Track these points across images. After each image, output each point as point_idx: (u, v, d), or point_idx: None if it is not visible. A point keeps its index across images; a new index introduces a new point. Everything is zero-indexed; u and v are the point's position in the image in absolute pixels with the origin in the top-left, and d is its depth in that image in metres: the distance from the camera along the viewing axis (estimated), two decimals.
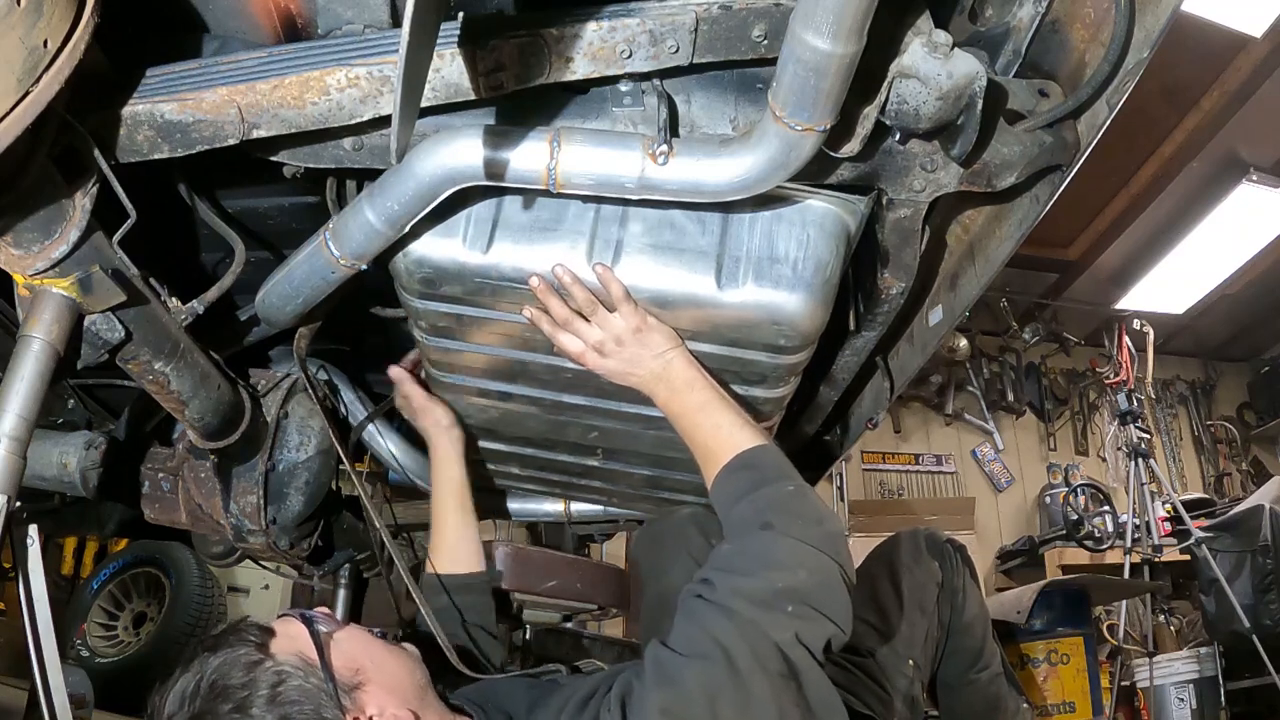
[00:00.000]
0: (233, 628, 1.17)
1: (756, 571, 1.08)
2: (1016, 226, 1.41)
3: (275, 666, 1.10)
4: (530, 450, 1.87)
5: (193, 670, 1.10)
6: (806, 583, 1.07)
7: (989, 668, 1.96)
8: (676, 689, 1.01)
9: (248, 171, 1.28)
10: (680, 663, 1.03)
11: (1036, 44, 1.24)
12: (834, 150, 1.12)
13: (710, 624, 1.05)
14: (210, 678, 1.08)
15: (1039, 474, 7.19)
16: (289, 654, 1.12)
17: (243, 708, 1.06)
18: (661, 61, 1.08)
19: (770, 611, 1.04)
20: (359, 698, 1.12)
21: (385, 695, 1.14)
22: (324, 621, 1.19)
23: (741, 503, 1.19)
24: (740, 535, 1.15)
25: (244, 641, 1.13)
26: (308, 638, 1.15)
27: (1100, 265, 6.25)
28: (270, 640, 1.14)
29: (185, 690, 1.09)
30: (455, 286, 1.35)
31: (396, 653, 1.23)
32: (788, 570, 1.08)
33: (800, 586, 1.06)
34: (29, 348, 1.05)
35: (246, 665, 1.09)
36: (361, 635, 1.22)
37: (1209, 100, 4.80)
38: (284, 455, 1.72)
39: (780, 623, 1.04)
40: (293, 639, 1.15)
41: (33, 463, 1.34)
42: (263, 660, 1.10)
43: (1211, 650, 4.47)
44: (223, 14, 1.13)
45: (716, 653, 1.01)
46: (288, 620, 1.19)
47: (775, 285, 1.28)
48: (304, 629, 1.16)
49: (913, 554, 1.94)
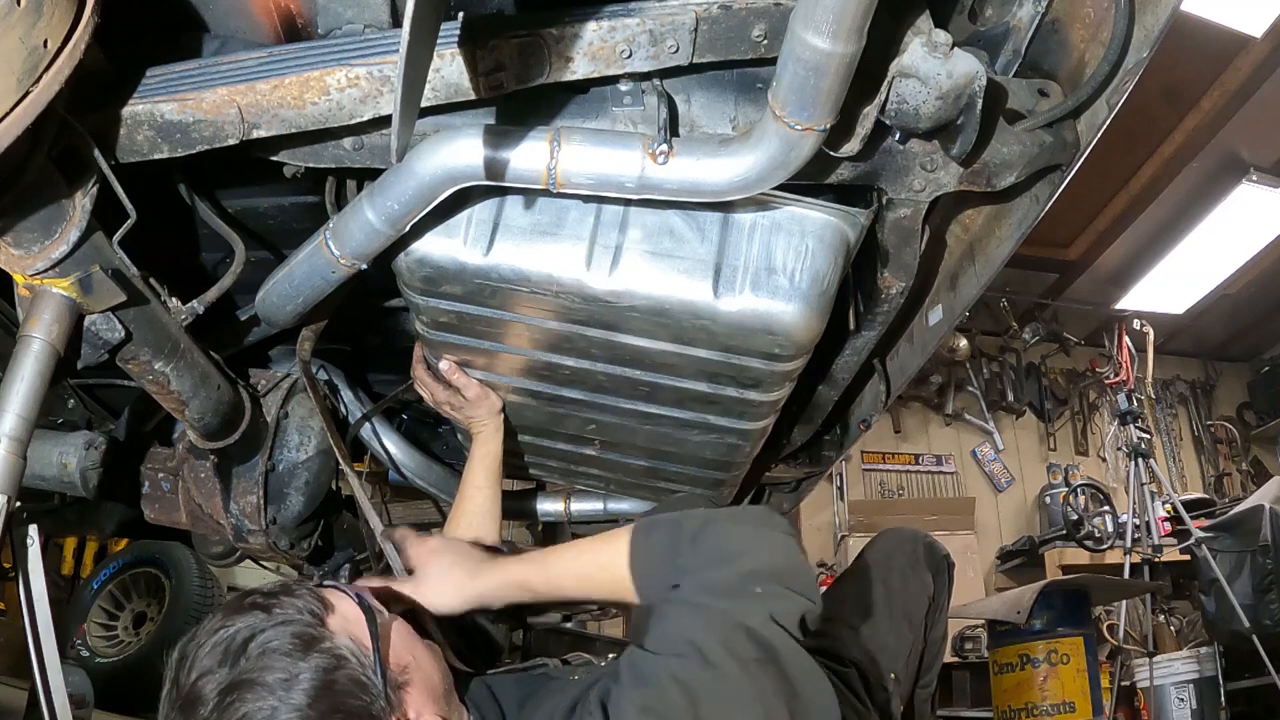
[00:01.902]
0: (287, 588, 1.06)
1: (718, 563, 1.08)
2: (1016, 226, 1.41)
3: (333, 648, 1.01)
4: (529, 438, 1.88)
5: (239, 624, 0.99)
6: (769, 562, 1.07)
7: (930, 686, 1.95)
8: (653, 688, 1.00)
9: (248, 171, 1.28)
10: (654, 661, 1.02)
11: (1036, 44, 1.24)
12: (834, 150, 1.12)
13: (680, 623, 1.04)
14: (262, 639, 0.98)
15: (1039, 474, 7.20)
16: (345, 636, 1.03)
17: (291, 683, 0.96)
18: (661, 61, 1.08)
19: (738, 598, 1.04)
20: (402, 697, 1.06)
21: (424, 697, 1.09)
22: (379, 609, 1.11)
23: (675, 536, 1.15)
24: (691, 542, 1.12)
25: (302, 609, 1.03)
26: (364, 623, 1.06)
27: (1100, 265, 6.25)
28: (328, 616, 1.04)
29: (229, 645, 0.98)
30: (455, 286, 1.35)
31: (434, 652, 1.18)
32: (748, 555, 1.08)
33: (764, 567, 1.06)
34: (29, 348, 1.05)
35: (304, 639, 1.00)
36: (406, 629, 1.15)
37: (1209, 100, 4.81)
38: (284, 455, 1.72)
39: (750, 607, 1.03)
40: (349, 621, 1.06)
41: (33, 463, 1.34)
42: (321, 638, 1.01)
43: (1211, 650, 4.47)
44: (223, 14, 1.13)
45: (689, 649, 1.00)
46: (341, 596, 1.10)
47: (772, 295, 1.28)
48: (360, 612, 1.08)
49: (910, 562, 1.89)
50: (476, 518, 1.70)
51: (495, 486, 1.74)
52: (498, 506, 1.73)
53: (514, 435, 1.84)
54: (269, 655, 0.97)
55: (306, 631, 1.01)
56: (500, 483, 1.76)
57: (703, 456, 1.80)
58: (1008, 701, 3.99)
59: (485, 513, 1.71)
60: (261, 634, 0.98)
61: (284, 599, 1.03)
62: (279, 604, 1.02)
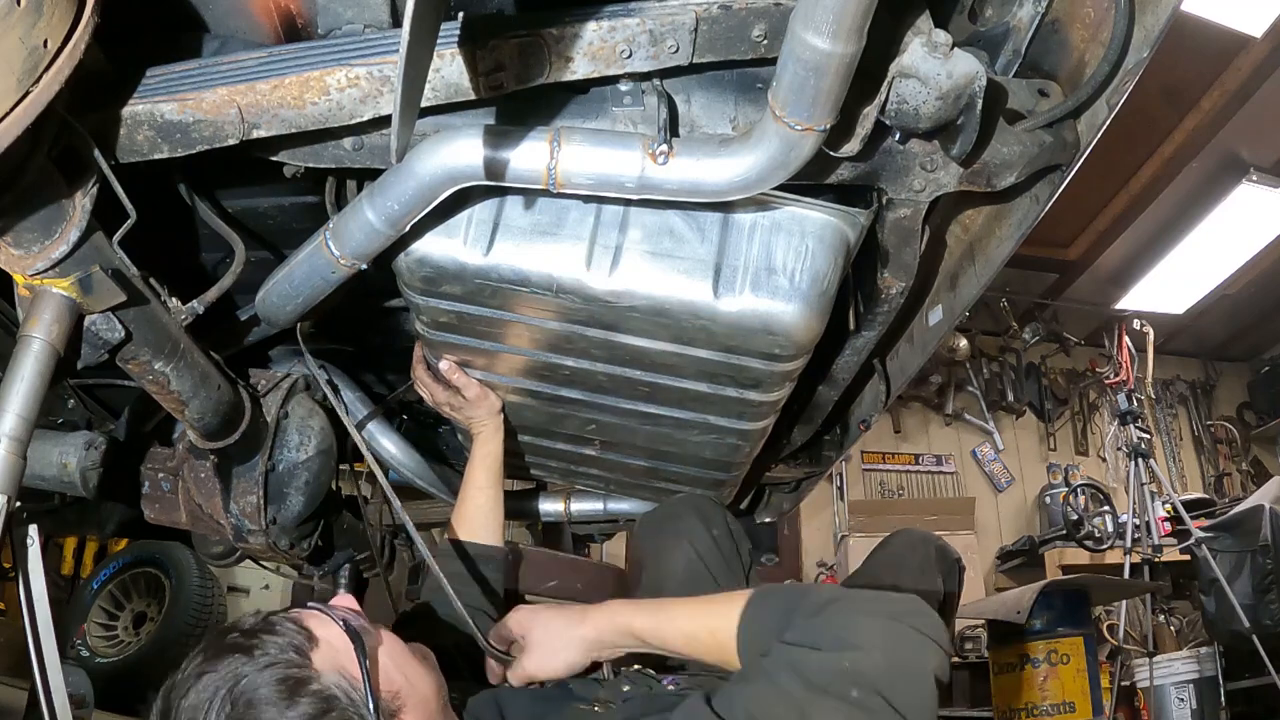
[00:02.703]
0: (268, 624, 1.01)
1: (823, 646, 0.92)
2: (1016, 226, 1.41)
3: (320, 688, 0.97)
4: (529, 438, 1.88)
5: (220, 673, 0.95)
6: (886, 668, 0.89)
7: None
8: None
9: (248, 171, 1.28)
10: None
11: (1036, 44, 1.24)
12: (834, 150, 1.12)
13: (749, 693, 0.94)
14: (246, 686, 0.94)
15: (1039, 474, 7.20)
16: (333, 671, 0.99)
17: None
18: (661, 61, 1.08)
19: (825, 695, 0.88)
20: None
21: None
22: (365, 629, 1.06)
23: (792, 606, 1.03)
24: (809, 616, 0.98)
25: (285, 648, 0.98)
26: (351, 651, 1.02)
27: (1100, 265, 6.26)
28: (313, 650, 1.00)
29: (211, 699, 0.94)
30: (455, 286, 1.35)
31: (425, 667, 1.14)
32: (864, 651, 0.89)
33: (875, 672, 0.88)
34: (29, 348, 1.04)
35: (289, 683, 0.95)
36: (397, 647, 1.11)
37: (1209, 100, 4.81)
38: (284, 455, 1.72)
39: (836, 710, 0.88)
40: (336, 651, 1.02)
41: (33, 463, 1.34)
42: (307, 680, 0.97)
43: (1211, 650, 4.47)
44: (223, 14, 1.13)
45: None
46: (325, 623, 1.04)
47: (772, 296, 1.28)
48: (347, 640, 1.03)
49: (921, 564, 1.86)
50: (479, 518, 1.70)
51: (497, 487, 1.74)
52: (500, 507, 1.73)
53: (514, 435, 1.84)
54: (256, 707, 0.93)
55: (290, 675, 0.96)
56: (501, 483, 1.76)
57: (703, 456, 1.81)
58: (1008, 701, 3.98)
59: (487, 513, 1.71)
60: (244, 680, 0.94)
61: (264, 637, 0.99)
62: (260, 644, 0.98)
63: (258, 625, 1.01)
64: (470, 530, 1.68)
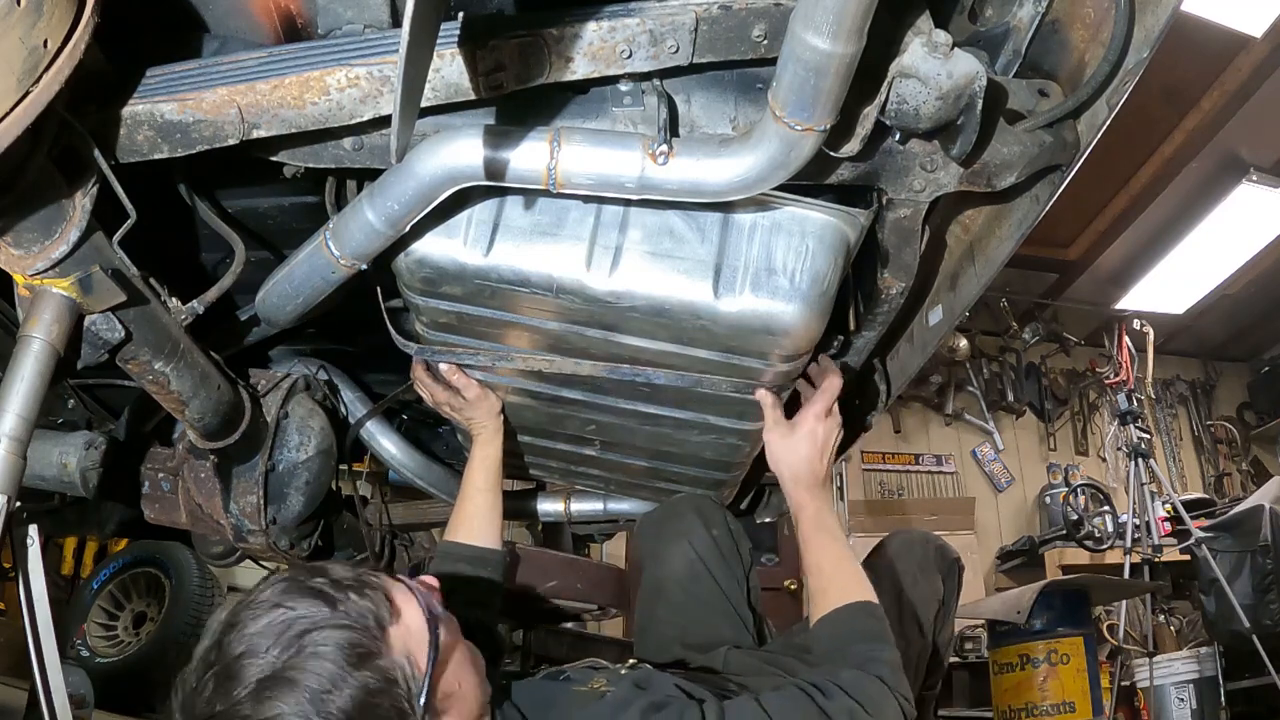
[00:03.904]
0: (360, 582, 1.00)
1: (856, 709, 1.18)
2: (1016, 226, 1.41)
3: (386, 667, 0.96)
4: (529, 438, 1.88)
5: (299, 610, 0.95)
6: None
7: (935, 688, 1.95)
8: None
9: (248, 171, 1.28)
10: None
11: (1036, 44, 1.24)
12: (834, 150, 1.12)
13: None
14: (316, 637, 0.93)
15: (1039, 474, 7.20)
16: (402, 653, 0.99)
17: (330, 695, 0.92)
18: (661, 61, 1.08)
19: None
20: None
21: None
22: (445, 618, 1.06)
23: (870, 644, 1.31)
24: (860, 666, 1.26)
25: (366, 614, 0.97)
26: (425, 640, 1.01)
27: (1100, 265, 6.25)
28: (391, 625, 0.99)
29: (283, 632, 0.93)
30: (455, 287, 1.35)
31: (478, 676, 1.14)
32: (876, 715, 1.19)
33: None
34: (29, 348, 1.05)
35: (359, 650, 0.95)
36: (462, 648, 1.10)
37: (1209, 100, 4.80)
38: (284, 455, 1.72)
39: None
40: (410, 634, 1.01)
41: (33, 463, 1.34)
42: (376, 654, 0.96)
43: (1211, 650, 4.47)
44: (223, 14, 1.13)
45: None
46: (411, 602, 1.04)
47: (772, 296, 1.28)
48: (425, 628, 1.02)
49: (920, 564, 1.86)
50: (478, 520, 1.70)
51: (496, 489, 1.74)
52: (499, 508, 1.73)
53: (514, 435, 1.84)
54: (318, 658, 0.93)
55: (363, 642, 0.96)
56: (500, 484, 1.76)
57: (703, 457, 1.81)
58: (1008, 701, 3.98)
59: (486, 514, 1.71)
60: (318, 631, 0.94)
61: (352, 596, 0.98)
62: (344, 601, 0.97)
63: (349, 581, 1.00)
64: (469, 532, 1.68)
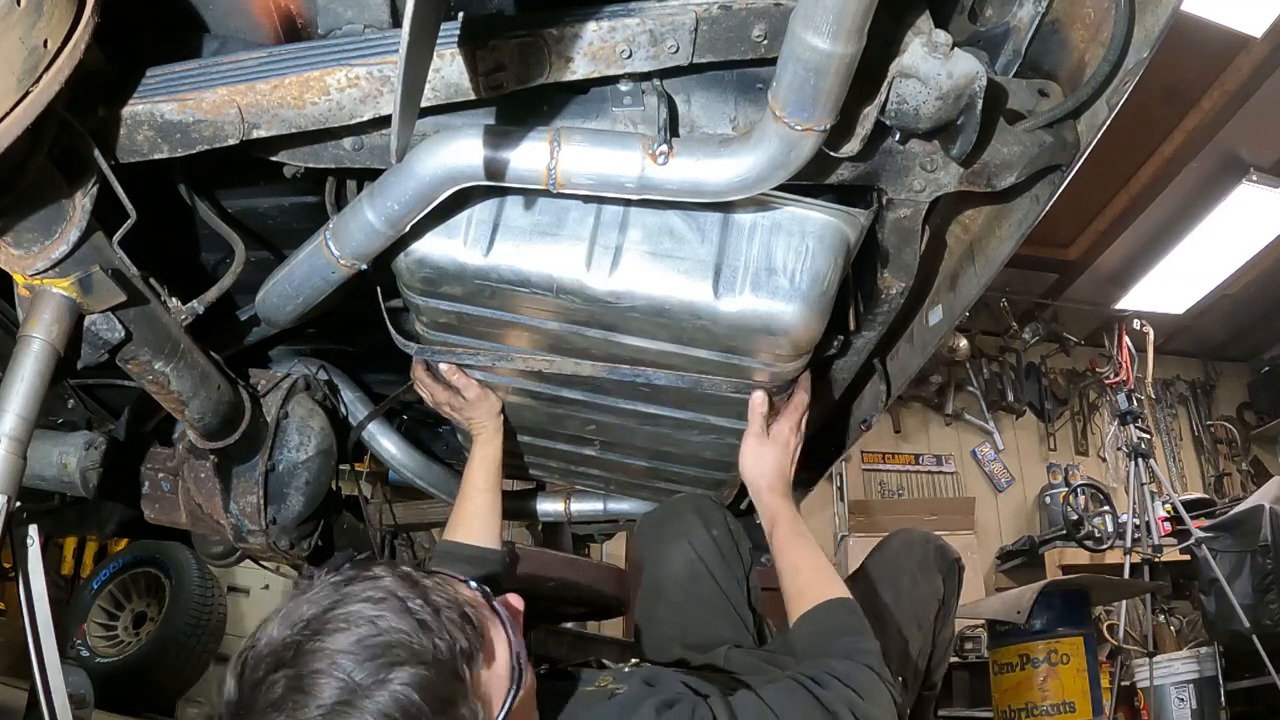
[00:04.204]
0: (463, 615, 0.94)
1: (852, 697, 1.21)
2: (1016, 226, 1.41)
3: (464, 715, 0.91)
4: (529, 438, 1.88)
5: (389, 625, 0.89)
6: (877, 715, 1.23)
7: (935, 688, 1.95)
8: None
9: (248, 171, 1.28)
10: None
11: (1036, 44, 1.24)
12: (834, 150, 1.12)
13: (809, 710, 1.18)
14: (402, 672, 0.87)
15: (1039, 474, 7.20)
16: (481, 698, 0.93)
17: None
18: (661, 61, 1.08)
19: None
20: None
21: None
22: (524, 667, 1.00)
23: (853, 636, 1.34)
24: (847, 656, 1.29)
25: (455, 646, 0.91)
26: (504, 692, 0.97)
27: (1100, 265, 6.25)
28: (480, 669, 0.94)
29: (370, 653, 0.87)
30: (455, 287, 1.35)
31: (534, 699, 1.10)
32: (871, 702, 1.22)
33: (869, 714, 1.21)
34: (29, 348, 1.05)
35: (440, 698, 0.89)
36: (531, 688, 1.05)
37: (1209, 100, 4.80)
38: (284, 455, 1.72)
39: None
40: (495, 679, 0.96)
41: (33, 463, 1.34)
42: (454, 700, 0.90)
43: (1211, 650, 4.47)
44: (223, 14, 1.13)
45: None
46: (503, 642, 0.99)
47: (772, 296, 1.28)
48: (509, 678, 0.98)
49: (920, 564, 1.87)
50: (477, 520, 1.69)
51: (495, 489, 1.74)
52: (498, 509, 1.73)
53: (514, 435, 1.84)
54: (397, 698, 0.87)
55: (447, 688, 0.90)
56: (500, 485, 1.76)
57: (703, 457, 1.80)
58: (1008, 701, 3.98)
59: (486, 515, 1.71)
60: (404, 668, 0.88)
61: (449, 632, 0.92)
62: (441, 635, 0.91)
63: (449, 611, 0.94)
64: (468, 533, 1.68)
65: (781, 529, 1.53)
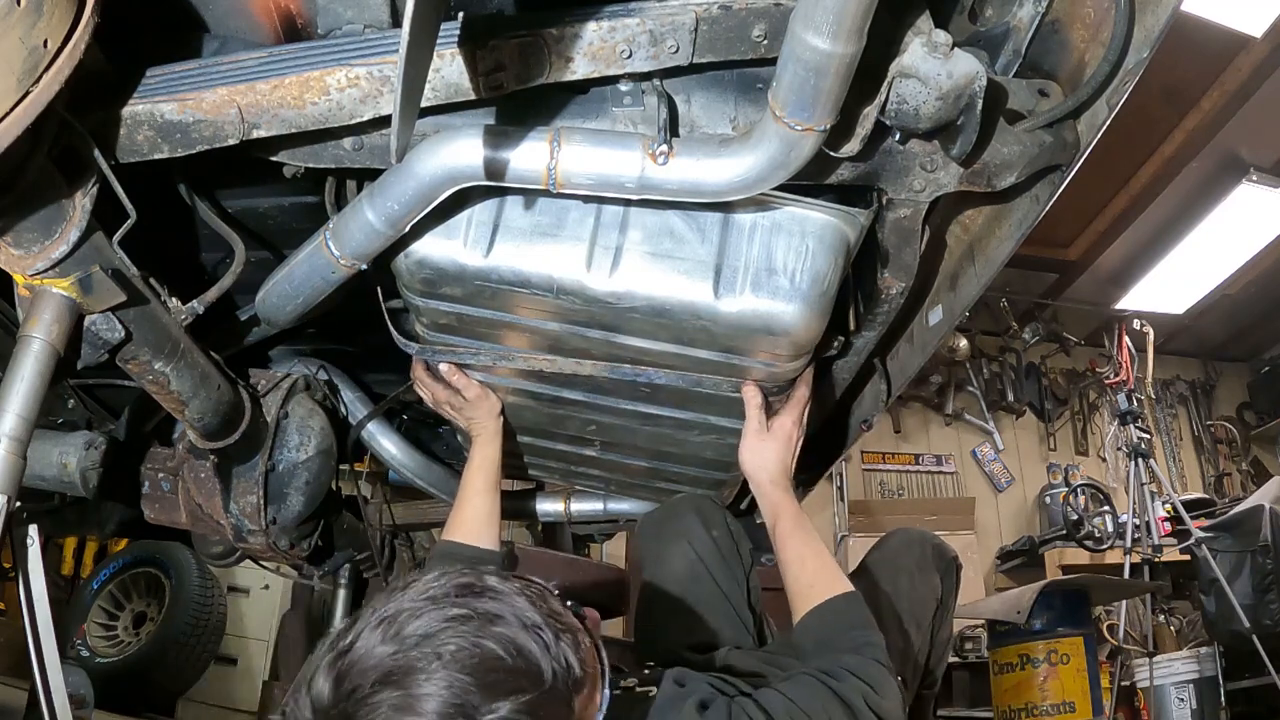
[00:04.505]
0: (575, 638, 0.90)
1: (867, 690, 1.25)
2: (1016, 226, 1.41)
3: None
4: (529, 439, 1.88)
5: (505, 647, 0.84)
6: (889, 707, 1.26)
7: (934, 687, 1.95)
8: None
9: (248, 171, 1.28)
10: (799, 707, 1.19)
11: (1036, 44, 1.24)
12: (834, 150, 1.12)
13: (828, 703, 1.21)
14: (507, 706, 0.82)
15: (1039, 474, 7.20)
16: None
17: None
18: (661, 61, 1.08)
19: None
20: None
21: None
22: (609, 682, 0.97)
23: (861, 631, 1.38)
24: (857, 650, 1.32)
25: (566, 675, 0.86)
26: (597, 706, 0.93)
27: (1100, 265, 6.25)
28: (581, 703, 0.89)
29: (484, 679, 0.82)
30: (455, 288, 1.35)
31: None
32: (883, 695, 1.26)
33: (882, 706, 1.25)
34: (29, 348, 1.05)
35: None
36: None
37: (1209, 100, 4.80)
38: (284, 455, 1.72)
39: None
40: (590, 706, 0.92)
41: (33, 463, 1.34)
42: None
43: (1211, 650, 4.47)
44: (223, 14, 1.13)
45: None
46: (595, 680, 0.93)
47: (772, 296, 1.28)
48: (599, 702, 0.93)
49: (918, 563, 1.88)
50: (476, 522, 1.69)
51: (494, 491, 1.73)
52: (497, 510, 1.73)
53: (514, 436, 1.84)
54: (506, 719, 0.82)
55: (557, 715, 0.87)
56: (499, 486, 1.75)
57: (703, 457, 1.80)
58: (1008, 701, 3.98)
59: (484, 517, 1.70)
60: (518, 695, 0.83)
61: (564, 645, 0.88)
62: (559, 649, 0.87)
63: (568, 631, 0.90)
64: (466, 534, 1.67)
65: (784, 522, 1.54)
